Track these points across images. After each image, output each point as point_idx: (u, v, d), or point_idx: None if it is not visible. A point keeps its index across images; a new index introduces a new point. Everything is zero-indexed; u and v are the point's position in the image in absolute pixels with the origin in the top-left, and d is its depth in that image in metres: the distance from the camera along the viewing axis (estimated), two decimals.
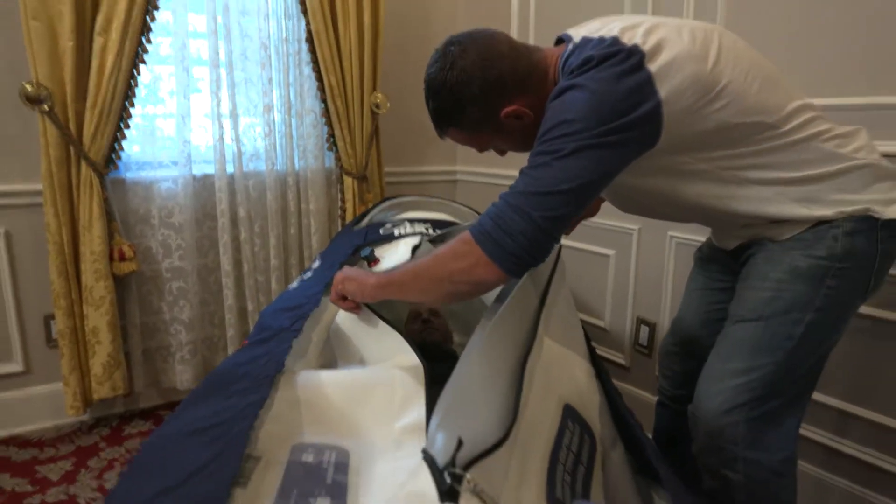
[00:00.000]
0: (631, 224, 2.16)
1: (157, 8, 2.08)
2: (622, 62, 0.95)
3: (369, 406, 1.06)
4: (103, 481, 1.90)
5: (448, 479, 0.60)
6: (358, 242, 1.82)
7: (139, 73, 2.10)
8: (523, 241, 0.96)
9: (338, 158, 2.56)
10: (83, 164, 2.05)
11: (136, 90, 2.11)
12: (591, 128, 0.94)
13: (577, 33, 1.09)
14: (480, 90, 1.07)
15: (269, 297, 2.48)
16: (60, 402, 2.17)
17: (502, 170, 2.75)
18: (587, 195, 0.97)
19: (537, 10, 2.48)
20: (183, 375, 2.36)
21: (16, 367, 2.18)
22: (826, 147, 1.04)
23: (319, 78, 2.45)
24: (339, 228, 2.60)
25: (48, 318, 2.21)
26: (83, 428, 2.24)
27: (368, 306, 1.30)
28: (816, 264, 1.04)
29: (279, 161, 2.44)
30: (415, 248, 1.67)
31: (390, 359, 1.19)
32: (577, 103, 0.96)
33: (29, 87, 1.95)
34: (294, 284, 1.73)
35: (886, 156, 1.12)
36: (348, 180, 2.57)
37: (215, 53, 2.23)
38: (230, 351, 2.43)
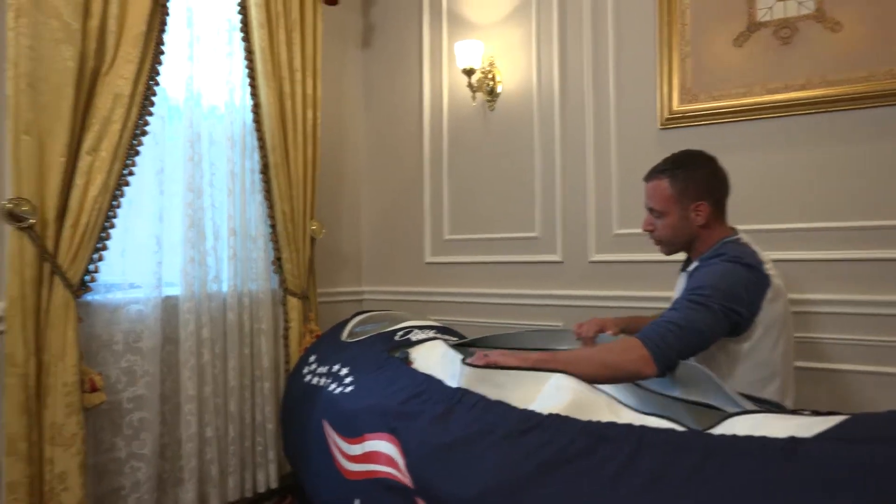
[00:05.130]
0: None
1: (145, 133, 2.11)
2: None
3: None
4: None
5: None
6: (385, 348, 2.03)
7: (123, 195, 2.06)
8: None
9: (283, 280, 2.67)
10: (58, 286, 1.89)
11: (118, 210, 2.05)
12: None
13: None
14: (706, 180, 1.65)
15: (226, 420, 2.39)
16: None
17: (397, 287, 3.22)
18: None
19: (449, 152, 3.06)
20: None
21: None
22: None
23: (271, 206, 2.61)
24: (283, 348, 2.65)
25: None
26: None
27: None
28: None
29: (238, 282, 2.47)
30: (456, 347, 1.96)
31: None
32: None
33: (11, 204, 1.80)
34: (345, 390, 1.85)
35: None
36: (293, 300, 2.68)
37: (190, 178, 2.28)
38: (189, 486, 2.24)
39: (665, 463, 0.88)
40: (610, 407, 1.19)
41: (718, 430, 0.98)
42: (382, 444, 1.48)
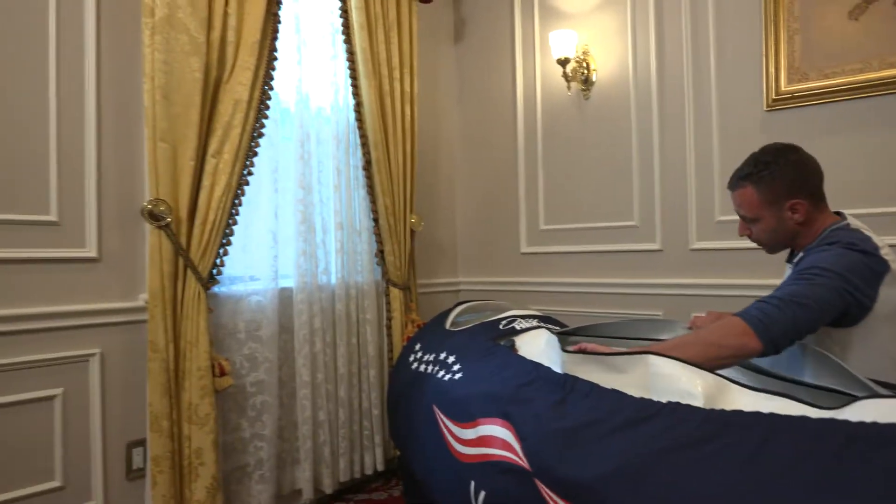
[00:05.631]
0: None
1: (261, 136, 2.26)
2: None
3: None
4: None
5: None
6: (490, 336, 2.08)
7: (243, 194, 2.22)
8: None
9: (385, 272, 2.79)
10: (191, 279, 2.06)
11: (240, 208, 2.21)
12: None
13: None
14: (793, 175, 1.56)
15: (336, 405, 2.53)
16: None
17: (493, 278, 3.25)
18: None
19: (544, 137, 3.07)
20: (261, 496, 2.28)
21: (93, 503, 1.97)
22: None
23: (374, 200, 2.72)
24: (386, 338, 2.77)
25: (131, 447, 2.05)
26: None
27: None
28: None
29: (345, 274, 2.61)
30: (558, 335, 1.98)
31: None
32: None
33: (150, 205, 1.98)
34: (454, 377, 1.92)
35: None
36: (395, 291, 2.79)
37: (301, 176, 2.42)
38: (305, 466, 2.40)
39: (802, 449, 0.88)
40: (723, 387, 1.19)
41: (846, 414, 0.96)
42: (497, 430, 1.53)
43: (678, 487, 0.97)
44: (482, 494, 1.51)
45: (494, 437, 1.53)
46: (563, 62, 2.80)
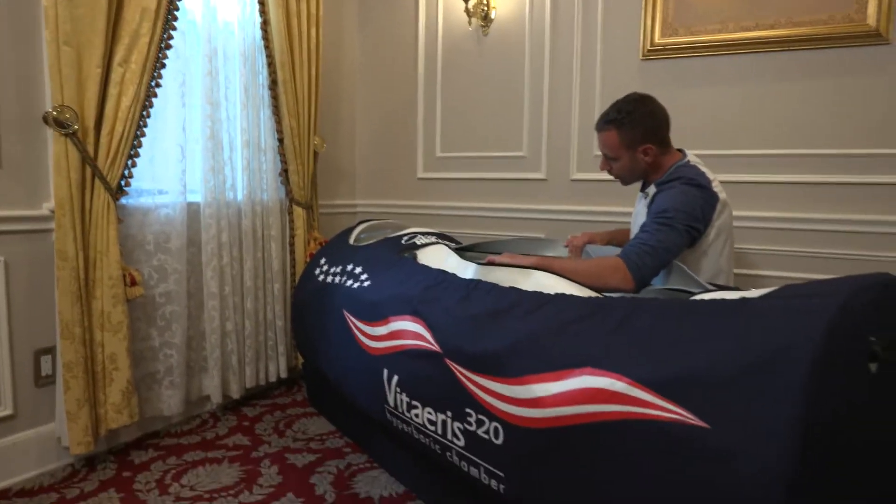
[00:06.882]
0: None
1: (169, 47, 2.24)
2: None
3: None
4: None
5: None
6: (395, 250, 2.29)
7: (151, 106, 2.21)
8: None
9: (289, 191, 2.88)
10: (100, 189, 2.07)
11: (147, 120, 2.21)
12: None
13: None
14: (648, 124, 1.85)
15: (243, 316, 2.65)
16: (49, 446, 2.07)
17: (391, 201, 3.48)
18: None
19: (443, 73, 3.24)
20: (171, 401, 2.39)
21: (4, 410, 1.99)
22: None
23: (279, 121, 2.78)
24: (289, 254, 2.90)
25: (38, 354, 2.07)
26: (75, 471, 2.11)
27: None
28: None
29: (253, 191, 2.68)
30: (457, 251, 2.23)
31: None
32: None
33: (55, 112, 1.94)
34: (363, 284, 2.12)
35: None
36: (298, 210, 2.90)
37: (208, 91, 2.43)
38: (213, 373, 2.52)
39: (655, 319, 1.19)
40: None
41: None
42: (408, 324, 1.76)
43: (565, 351, 1.26)
44: (395, 378, 1.76)
45: (406, 330, 1.76)
46: None
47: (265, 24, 2.67)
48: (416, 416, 1.67)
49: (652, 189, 1.95)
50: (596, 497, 1.18)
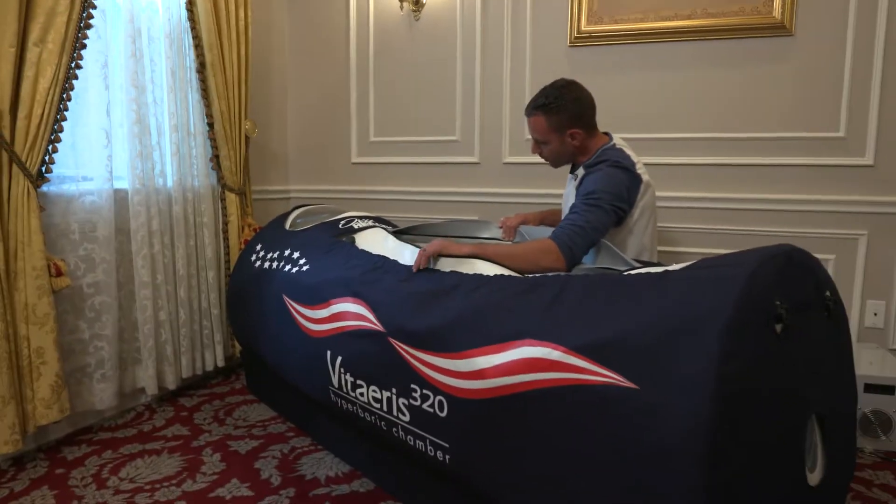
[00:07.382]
0: None
1: (90, 27, 2.15)
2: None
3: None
4: None
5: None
6: (332, 234, 2.30)
7: (72, 88, 2.12)
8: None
9: (221, 177, 2.82)
10: (18, 175, 1.98)
11: (69, 103, 2.11)
12: None
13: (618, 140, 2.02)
14: (574, 109, 1.93)
15: (177, 305, 2.60)
16: None
17: (324, 186, 3.46)
18: None
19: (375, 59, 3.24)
20: (104, 394, 2.32)
21: None
22: None
23: (209, 105, 2.71)
24: (222, 241, 2.85)
25: None
26: (2, 471, 2.03)
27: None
28: None
29: (183, 177, 2.61)
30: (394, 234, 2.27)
31: None
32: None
33: None
34: (302, 269, 2.12)
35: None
36: (231, 196, 2.85)
37: (133, 74, 2.35)
38: (148, 364, 2.46)
39: (586, 292, 1.27)
40: None
41: None
42: (349, 305, 1.79)
43: (505, 325, 1.33)
44: (339, 359, 1.79)
45: (347, 312, 1.79)
46: None
47: (191, 5, 2.59)
48: (362, 394, 1.71)
49: (580, 171, 2.04)
50: (537, 460, 1.25)
